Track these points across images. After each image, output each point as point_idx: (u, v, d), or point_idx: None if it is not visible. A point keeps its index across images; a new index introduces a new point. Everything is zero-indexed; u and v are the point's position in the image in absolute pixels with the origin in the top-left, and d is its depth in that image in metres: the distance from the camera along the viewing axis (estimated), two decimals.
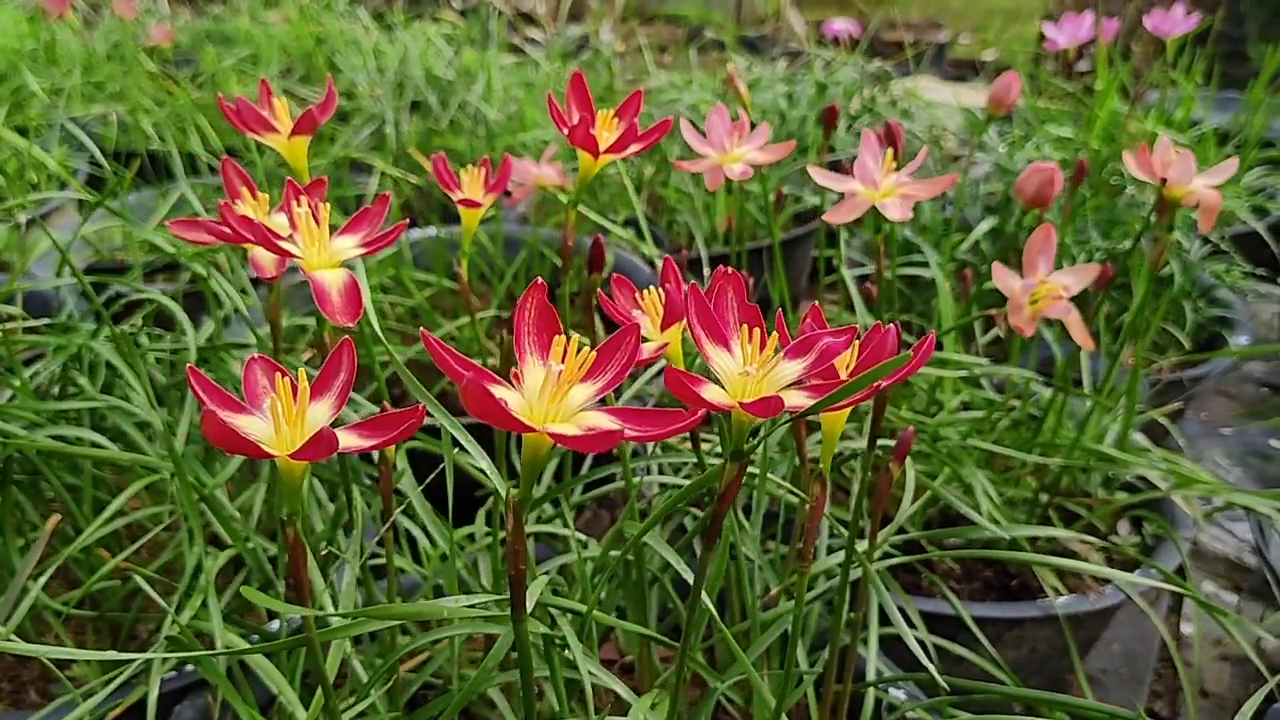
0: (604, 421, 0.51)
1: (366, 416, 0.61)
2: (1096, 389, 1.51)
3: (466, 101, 2.75)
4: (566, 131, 0.92)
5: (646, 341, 0.72)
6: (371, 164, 2.38)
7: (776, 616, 1.02)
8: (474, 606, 0.68)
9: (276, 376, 0.60)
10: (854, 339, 0.59)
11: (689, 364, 1.01)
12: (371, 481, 1.29)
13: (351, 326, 0.73)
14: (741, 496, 1.19)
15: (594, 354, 0.52)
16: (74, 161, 2.37)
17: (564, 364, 0.52)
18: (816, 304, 0.69)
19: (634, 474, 1.04)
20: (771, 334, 0.56)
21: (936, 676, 0.87)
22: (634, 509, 0.97)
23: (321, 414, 0.61)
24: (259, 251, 0.84)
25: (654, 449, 1.18)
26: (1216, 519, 1.92)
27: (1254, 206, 2.29)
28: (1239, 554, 1.88)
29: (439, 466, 1.02)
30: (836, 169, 1.15)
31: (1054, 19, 2.84)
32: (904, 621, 0.94)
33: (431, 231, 2.06)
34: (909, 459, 1.26)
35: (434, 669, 1.01)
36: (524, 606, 0.59)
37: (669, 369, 0.51)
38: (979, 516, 1.13)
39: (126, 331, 1.24)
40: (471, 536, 1.14)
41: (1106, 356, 1.66)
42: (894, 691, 1.09)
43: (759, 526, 1.09)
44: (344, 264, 0.79)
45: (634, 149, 0.94)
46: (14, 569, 1.15)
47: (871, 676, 1.05)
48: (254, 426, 0.59)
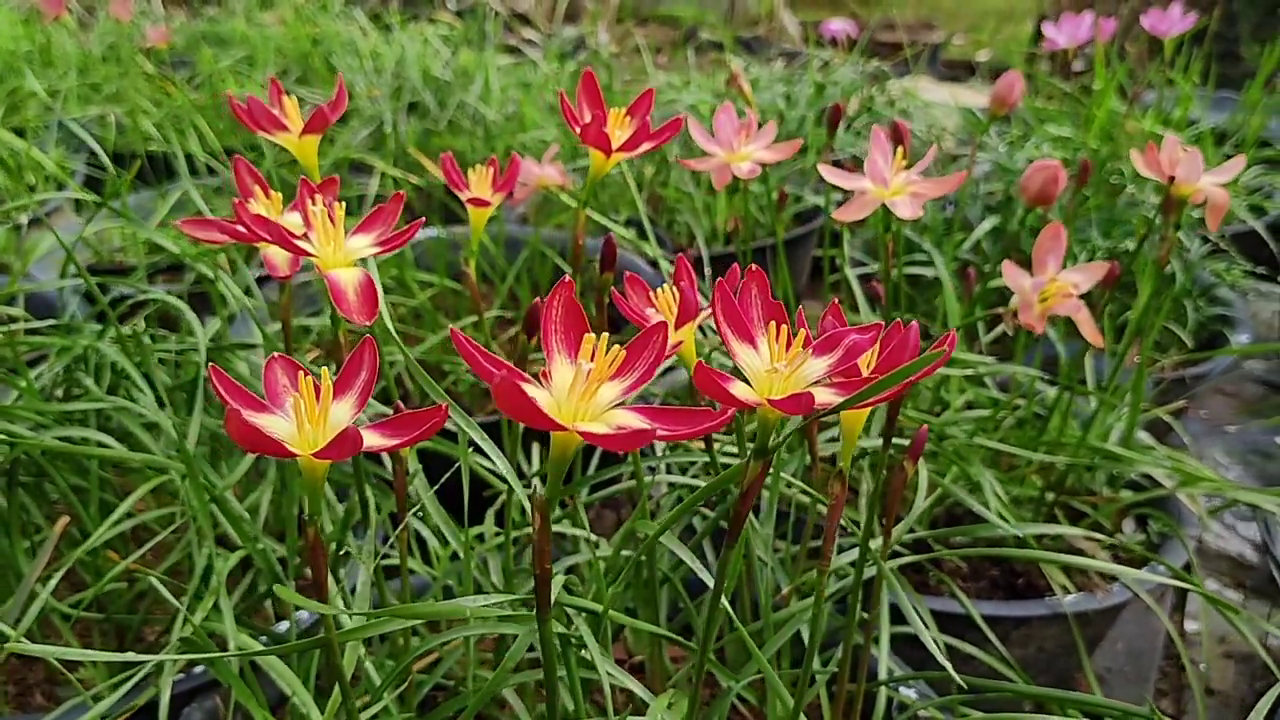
0: (634, 421, 0.51)
1: (375, 416, 0.61)
2: (1101, 387, 1.51)
3: (464, 102, 2.75)
4: (579, 130, 0.91)
5: None
6: (371, 165, 2.37)
7: (789, 616, 1.02)
8: (491, 606, 0.68)
9: (299, 376, 0.60)
10: (878, 336, 0.58)
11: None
12: (379, 481, 1.29)
13: (368, 325, 0.73)
14: None
15: (624, 352, 0.52)
16: (71, 163, 2.36)
17: (593, 362, 0.51)
18: (836, 302, 0.69)
19: (642, 474, 1.03)
20: (799, 331, 0.56)
21: (955, 676, 0.87)
22: (645, 508, 0.97)
23: (343, 413, 0.61)
24: (273, 250, 0.83)
25: (664, 449, 1.17)
26: (1219, 517, 1.93)
27: (1252, 205, 2.30)
28: (1241, 552, 1.88)
29: (445, 466, 1.01)
30: (837, 168, 1.15)
31: (1049, 19, 2.85)
32: (919, 621, 0.94)
33: (433, 232, 2.05)
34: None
35: (444, 670, 1.01)
36: (549, 605, 0.59)
37: (699, 366, 0.50)
38: (991, 514, 1.13)
39: (132, 333, 1.23)
40: (481, 537, 1.13)
41: (1110, 355, 1.67)
42: (905, 690, 1.09)
43: (770, 526, 1.09)
44: (358, 263, 0.79)
45: (646, 147, 0.94)
46: (19, 570, 1.14)
47: (883, 675, 1.04)
48: (276, 426, 0.59)
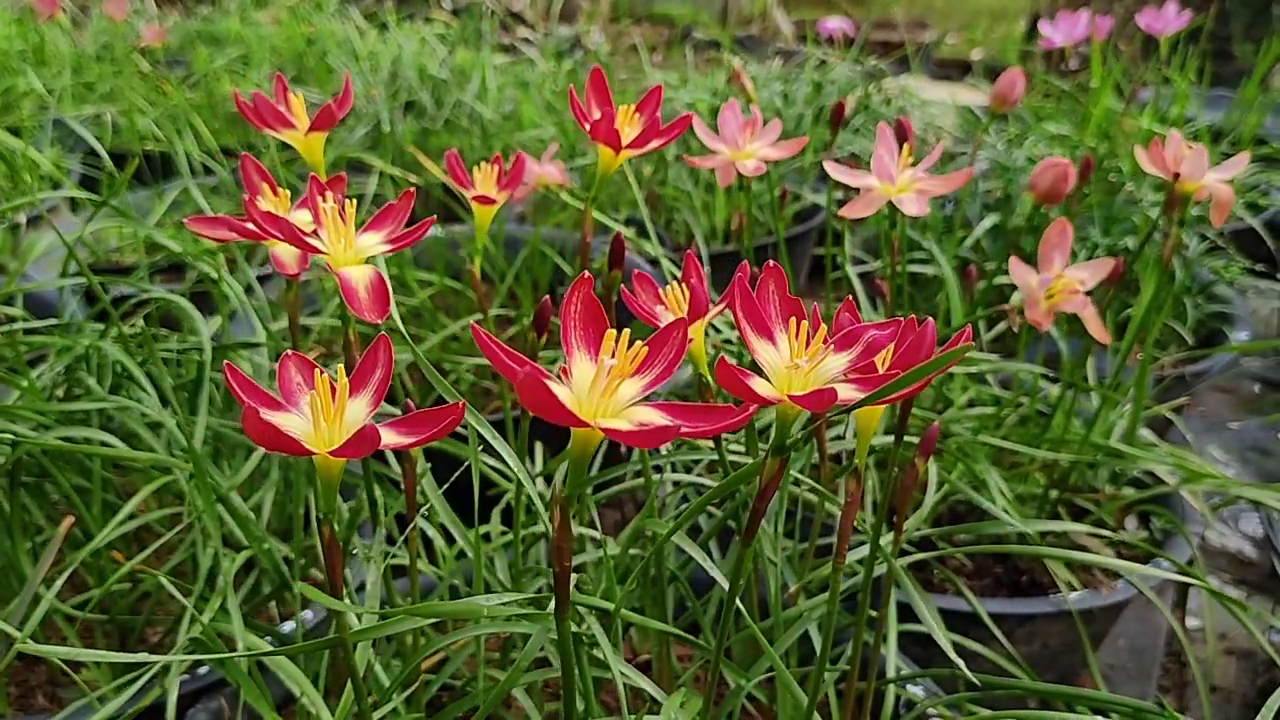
0: (657, 417, 0.51)
1: (377, 416, 0.60)
2: (1103, 384, 1.51)
3: (462, 101, 2.74)
4: (588, 126, 0.91)
5: None
6: (369, 164, 2.36)
7: (797, 615, 1.02)
8: (502, 606, 0.68)
9: (315, 374, 0.59)
10: (898, 332, 0.58)
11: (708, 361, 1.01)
12: (381, 480, 1.28)
13: (379, 323, 0.73)
14: None
15: (645, 349, 0.51)
16: (66, 162, 2.35)
17: (614, 358, 0.51)
18: (850, 298, 0.68)
19: (650, 472, 1.03)
20: (820, 328, 0.55)
21: (968, 674, 0.87)
22: (653, 506, 0.97)
23: (359, 411, 0.60)
24: (282, 248, 0.83)
25: (669, 447, 1.17)
26: (1220, 514, 1.93)
27: (1249, 203, 2.31)
28: (1241, 549, 1.89)
29: (449, 465, 1.01)
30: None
31: (1043, 18, 2.85)
32: (930, 619, 0.94)
33: (433, 231, 2.05)
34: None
35: (452, 669, 1.00)
36: (567, 603, 0.58)
37: (722, 362, 0.50)
38: (999, 511, 1.13)
39: (133, 332, 1.23)
40: (487, 536, 1.13)
41: (1112, 353, 1.67)
42: (912, 688, 1.09)
43: (778, 524, 1.09)
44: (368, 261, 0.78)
45: (655, 144, 0.93)
46: (21, 571, 1.14)
47: (891, 673, 1.04)
48: (293, 424, 0.58)
